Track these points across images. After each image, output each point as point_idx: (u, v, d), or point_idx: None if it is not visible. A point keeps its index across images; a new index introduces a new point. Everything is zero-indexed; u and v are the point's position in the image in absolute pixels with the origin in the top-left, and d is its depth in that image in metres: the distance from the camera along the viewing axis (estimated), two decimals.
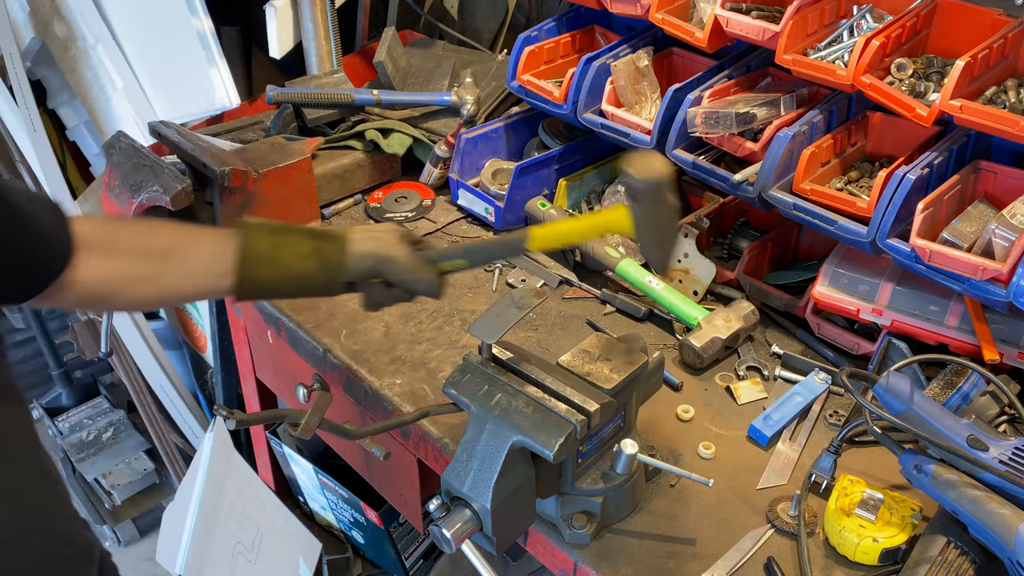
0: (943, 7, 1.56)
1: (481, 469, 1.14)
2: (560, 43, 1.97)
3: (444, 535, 1.13)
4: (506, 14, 2.78)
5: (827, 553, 1.25)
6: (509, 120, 2.05)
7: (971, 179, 1.49)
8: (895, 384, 1.23)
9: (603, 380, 1.23)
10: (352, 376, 1.59)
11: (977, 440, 1.18)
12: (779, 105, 1.61)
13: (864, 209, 1.45)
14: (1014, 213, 1.33)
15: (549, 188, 1.95)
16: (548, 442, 1.11)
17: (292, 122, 2.13)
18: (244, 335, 2.03)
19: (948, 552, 1.15)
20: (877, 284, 1.52)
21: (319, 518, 2.58)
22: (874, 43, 1.45)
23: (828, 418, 1.48)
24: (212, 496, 2.17)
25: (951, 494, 1.15)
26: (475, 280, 1.80)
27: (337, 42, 2.44)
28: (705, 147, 1.69)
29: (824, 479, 1.33)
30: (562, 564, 1.29)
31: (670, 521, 1.31)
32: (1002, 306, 1.34)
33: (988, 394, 1.37)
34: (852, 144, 1.63)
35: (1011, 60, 1.49)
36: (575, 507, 1.27)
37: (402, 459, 1.66)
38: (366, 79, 2.44)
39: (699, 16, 1.72)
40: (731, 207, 1.86)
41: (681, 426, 1.47)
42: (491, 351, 1.24)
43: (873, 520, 1.22)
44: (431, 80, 2.29)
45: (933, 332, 1.46)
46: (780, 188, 1.55)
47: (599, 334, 1.34)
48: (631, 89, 1.78)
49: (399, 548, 2.35)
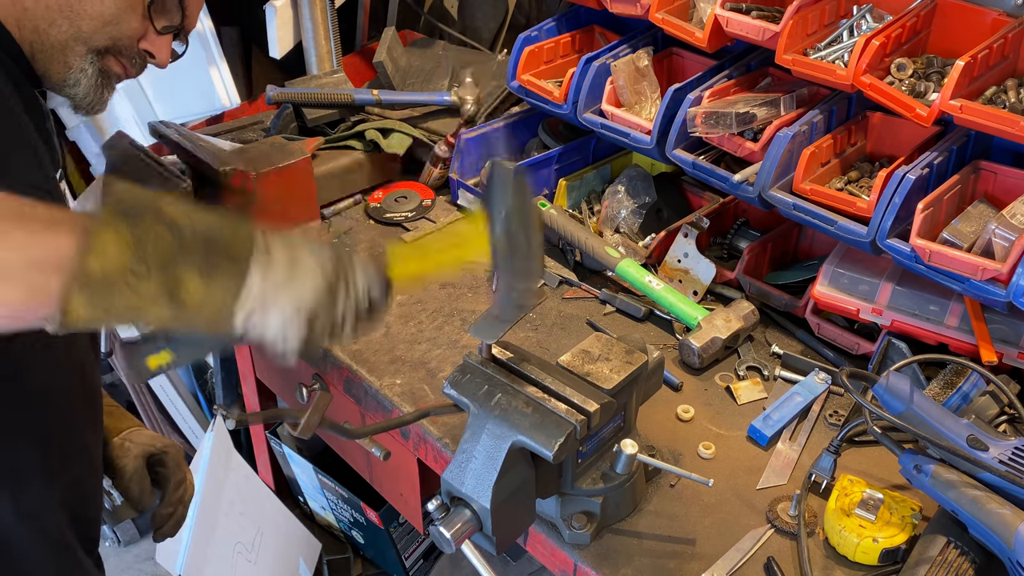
0: (943, 7, 1.56)
1: (481, 469, 1.13)
2: (560, 43, 1.97)
3: (444, 535, 1.13)
4: (506, 14, 2.79)
5: (827, 553, 1.25)
6: (509, 120, 2.05)
7: (971, 179, 1.49)
8: (895, 384, 1.23)
9: (603, 380, 1.23)
10: (352, 376, 1.59)
11: (977, 440, 1.18)
12: (779, 105, 1.61)
13: (864, 209, 1.45)
14: (1014, 213, 1.33)
15: (549, 188, 1.95)
16: (548, 442, 1.11)
17: (292, 122, 2.13)
18: None
19: (948, 552, 1.15)
20: (877, 284, 1.52)
21: (319, 518, 2.58)
22: (874, 43, 1.45)
23: (828, 418, 1.48)
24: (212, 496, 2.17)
25: (951, 494, 1.15)
26: (475, 280, 1.80)
27: (337, 42, 2.44)
28: (705, 147, 1.69)
29: (824, 479, 1.33)
30: (562, 564, 1.29)
31: (670, 521, 1.31)
32: (1002, 306, 1.34)
33: (988, 394, 1.37)
34: (852, 144, 1.63)
35: (1011, 60, 1.49)
36: (575, 507, 1.27)
37: (402, 459, 1.66)
38: (366, 79, 2.44)
39: (699, 16, 1.72)
40: (731, 207, 1.85)
41: (681, 426, 1.47)
42: (491, 351, 1.24)
43: (873, 520, 1.22)
44: (431, 80, 2.29)
45: (933, 332, 1.46)
46: (780, 188, 1.55)
47: (599, 334, 1.34)
48: (631, 89, 1.78)
49: (399, 548, 2.35)
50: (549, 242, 1.87)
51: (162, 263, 0.85)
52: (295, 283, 0.91)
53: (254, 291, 0.89)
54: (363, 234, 1.94)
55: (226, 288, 0.88)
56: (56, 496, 1.21)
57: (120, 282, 0.83)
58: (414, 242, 1.85)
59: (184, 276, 0.86)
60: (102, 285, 0.83)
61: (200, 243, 0.87)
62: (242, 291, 0.88)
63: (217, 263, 0.87)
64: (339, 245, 1.52)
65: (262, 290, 0.89)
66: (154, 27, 1.21)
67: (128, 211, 0.86)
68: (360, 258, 0.98)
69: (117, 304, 0.84)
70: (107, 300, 0.83)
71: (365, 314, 0.97)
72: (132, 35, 1.20)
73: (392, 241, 1.90)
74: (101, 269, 0.82)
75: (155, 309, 0.85)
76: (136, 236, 0.84)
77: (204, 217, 0.89)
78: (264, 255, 0.90)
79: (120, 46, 1.19)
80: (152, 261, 0.84)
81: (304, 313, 0.91)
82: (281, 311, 0.90)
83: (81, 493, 1.28)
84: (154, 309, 0.85)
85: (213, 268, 0.87)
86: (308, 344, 0.93)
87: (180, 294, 0.86)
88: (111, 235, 0.83)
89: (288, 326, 0.91)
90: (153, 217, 0.86)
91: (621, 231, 1.86)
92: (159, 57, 1.25)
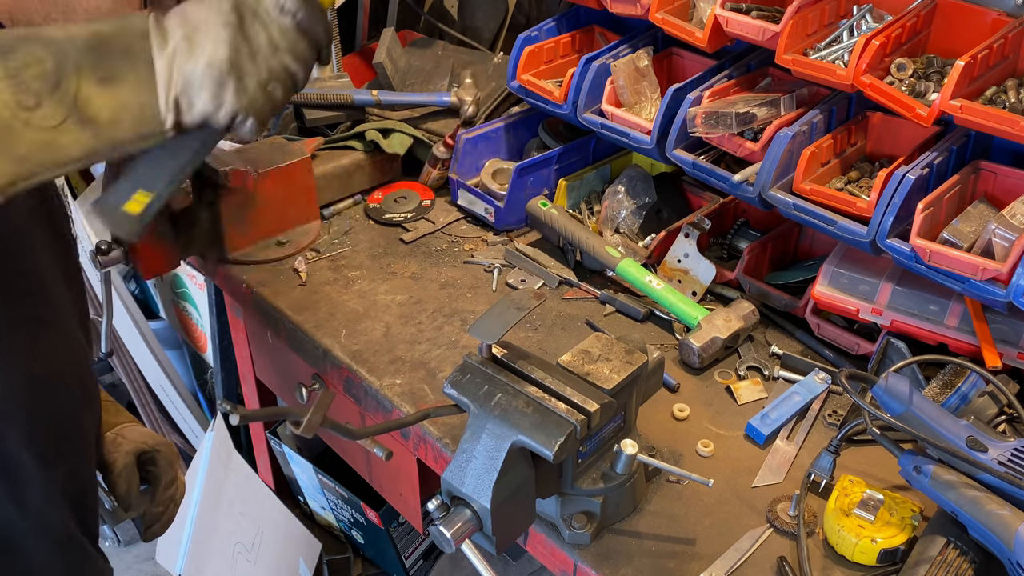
0: (943, 7, 1.56)
1: (481, 469, 1.14)
2: (560, 43, 1.97)
3: (444, 535, 1.13)
4: (506, 14, 2.78)
5: (826, 553, 1.25)
6: (509, 120, 2.05)
7: (971, 179, 1.49)
8: (894, 385, 1.23)
9: (603, 380, 1.23)
10: (352, 376, 1.60)
11: (976, 441, 1.18)
12: (779, 105, 1.61)
13: (864, 209, 1.45)
14: (1014, 213, 1.33)
15: (549, 188, 1.95)
16: (548, 442, 1.11)
17: (291, 122, 2.13)
18: (244, 335, 2.03)
19: (947, 552, 1.15)
20: (877, 284, 1.52)
21: (319, 518, 2.58)
22: (874, 43, 1.45)
23: (827, 418, 1.48)
24: (212, 496, 2.17)
25: (950, 495, 1.15)
26: (475, 280, 1.80)
27: (337, 43, 2.44)
28: (705, 147, 1.69)
29: (823, 478, 1.33)
30: (562, 564, 1.29)
31: (670, 521, 1.31)
32: (1002, 306, 1.34)
33: (987, 394, 1.36)
34: (852, 144, 1.63)
35: (1011, 60, 1.49)
36: (575, 507, 1.27)
37: (402, 459, 1.66)
38: (366, 79, 2.44)
39: (699, 16, 1.72)
40: (731, 207, 1.86)
41: (681, 426, 1.47)
42: (491, 351, 1.25)
43: (872, 520, 1.22)
44: (430, 80, 2.29)
45: (933, 332, 1.46)
46: (780, 188, 1.55)
47: (599, 334, 1.34)
48: (631, 89, 1.78)
49: (399, 548, 2.36)
50: (549, 241, 1.87)
51: (50, 85, 0.77)
52: (198, 43, 0.81)
53: (163, 75, 0.80)
54: (363, 234, 1.94)
55: (133, 86, 0.79)
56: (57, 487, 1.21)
57: (14, 121, 0.76)
58: None
59: (83, 91, 0.78)
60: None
61: (86, 51, 0.79)
62: (152, 82, 0.80)
63: (113, 65, 0.79)
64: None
65: (170, 68, 0.80)
66: None
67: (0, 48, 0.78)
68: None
69: (23, 146, 0.76)
70: (11, 147, 0.76)
71: (296, 36, 0.86)
72: None
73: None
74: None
75: (68, 137, 0.78)
76: (11, 68, 0.76)
77: (83, 26, 0.81)
78: (160, 36, 0.81)
79: None
80: (38, 86, 0.76)
81: (220, 66, 0.82)
82: (199, 80, 0.81)
83: (80, 483, 1.27)
84: (67, 138, 0.78)
85: (110, 71, 0.79)
86: (254, 102, 0.84)
87: (88, 112, 0.78)
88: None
89: (217, 90, 0.82)
90: (25, 44, 0.78)
91: (621, 231, 1.86)
92: None
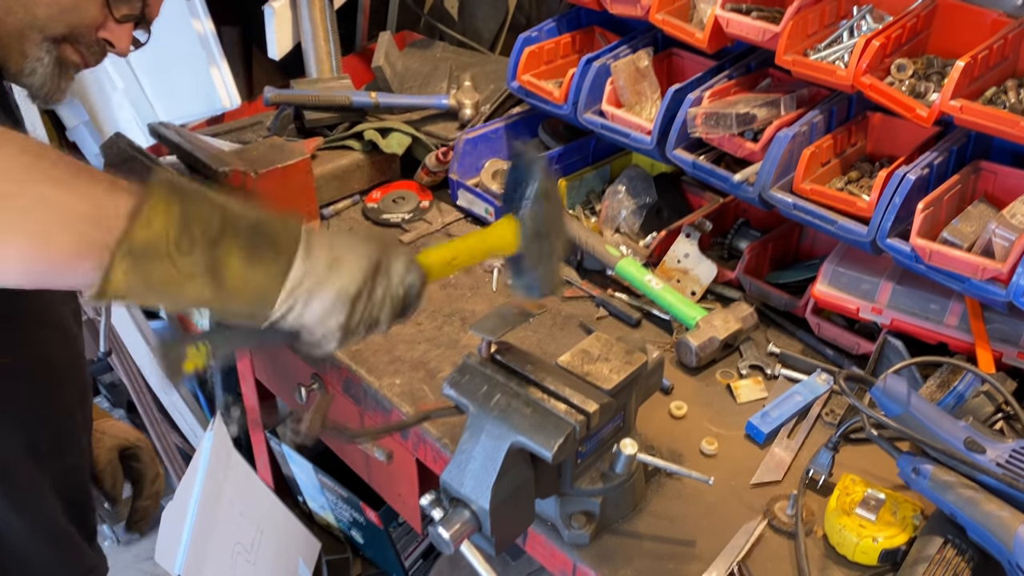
0: (943, 8, 1.56)
1: (480, 470, 1.13)
2: (560, 43, 1.97)
3: (443, 536, 1.13)
4: (506, 15, 2.79)
5: (826, 552, 1.25)
6: (509, 120, 2.05)
7: (971, 179, 1.49)
8: (892, 387, 1.23)
9: (602, 380, 1.23)
10: (351, 376, 1.59)
11: (974, 443, 1.18)
12: (779, 105, 1.61)
13: (864, 209, 1.45)
14: (1014, 213, 1.33)
15: None
16: (547, 443, 1.11)
17: (290, 123, 2.13)
18: None
19: (946, 551, 1.15)
20: (877, 283, 1.52)
21: (318, 518, 2.58)
22: (874, 44, 1.45)
23: (825, 417, 1.47)
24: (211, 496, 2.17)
25: (949, 496, 1.15)
26: (475, 280, 1.80)
27: (336, 43, 2.44)
28: (705, 147, 1.69)
29: (822, 475, 1.33)
30: (561, 564, 1.29)
31: (670, 521, 1.31)
32: (1002, 306, 1.34)
33: (983, 394, 1.36)
34: (852, 144, 1.63)
35: (1011, 60, 1.49)
36: (574, 507, 1.27)
37: (401, 460, 1.65)
38: (366, 80, 2.44)
39: (699, 17, 1.72)
40: (731, 207, 1.86)
41: (681, 425, 1.47)
42: (490, 351, 1.24)
43: (873, 520, 1.22)
44: (429, 83, 2.29)
45: (933, 331, 1.46)
46: (780, 188, 1.55)
47: (599, 334, 1.34)
48: (631, 89, 1.78)
49: (398, 548, 2.35)
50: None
51: (207, 243, 0.86)
52: (336, 271, 0.93)
53: (295, 279, 0.90)
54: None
55: (268, 273, 0.89)
56: (54, 484, 1.21)
57: (163, 254, 0.84)
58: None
59: (228, 258, 0.87)
60: (144, 254, 0.83)
61: (246, 229, 0.89)
62: (283, 279, 0.90)
63: (262, 250, 0.89)
64: (380, 233, 1.64)
65: (302, 277, 0.91)
66: (113, 16, 1.18)
67: (182, 191, 0.88)
68: (397, 247, 1.00)
69: (156, 276, 0.84)
70: (147, 271, 0.84)
71: (400, 302, 0.99)
72: (90, 23, 1.17)
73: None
74: (146, 238, 0.83)
75: (194, 286, 0.86)
76: (185, 213, 0.86)
77: (253, 208, 0.92)
78: (305, 248, 0.92)
79: (78, 34, 1.17)
80: (198, 239, 0.86)
81: (346, 298, 0.93)
82: (322, 298, 0.92)
83: (74, 480, 1.27)
84: (193, 286, 0.86)
85: (257, 253, 0.88)
86: (346, 332, 0.95)
87: (222, 274, 0.87)
88: (162, 207, 0.85)
89: (329, 312, 0.92)
90: (204, 199, 0.88)
91: (621, 231, 1.86)
92: (119, 46, 1.22)
